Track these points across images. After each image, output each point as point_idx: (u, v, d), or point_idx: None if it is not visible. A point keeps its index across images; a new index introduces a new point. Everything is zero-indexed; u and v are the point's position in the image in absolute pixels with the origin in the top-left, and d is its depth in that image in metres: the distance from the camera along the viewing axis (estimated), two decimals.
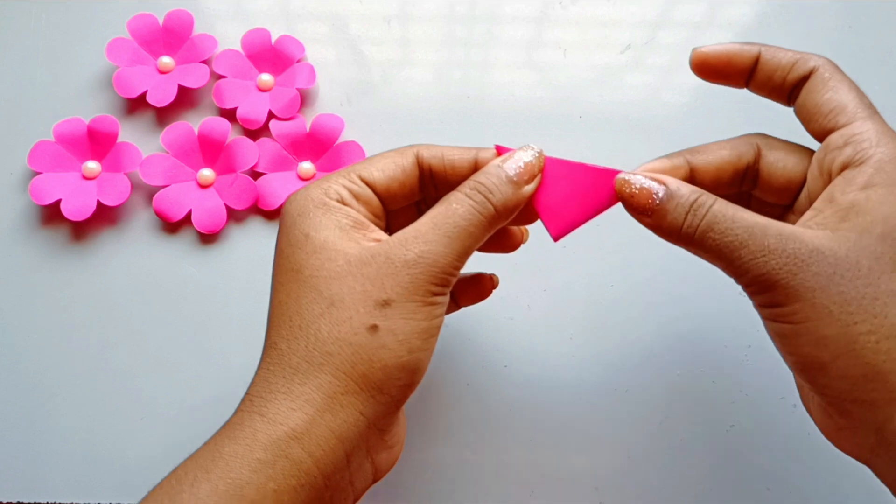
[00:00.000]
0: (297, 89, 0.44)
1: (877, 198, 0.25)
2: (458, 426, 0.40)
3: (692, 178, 0.29)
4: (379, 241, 0.28)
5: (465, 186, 0.28)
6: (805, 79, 0.28)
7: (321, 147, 0.44)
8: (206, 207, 0.43)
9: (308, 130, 0.44)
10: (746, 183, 0.30)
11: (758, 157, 0.29)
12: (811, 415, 0.28)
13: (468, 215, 0.27)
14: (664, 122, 0.45)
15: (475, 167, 0.29)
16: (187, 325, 0.42)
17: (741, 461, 0.39)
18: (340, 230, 0.27)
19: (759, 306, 0.26)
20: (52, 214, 0.43)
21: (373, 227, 0.29)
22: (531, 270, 0.42)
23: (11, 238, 0.43)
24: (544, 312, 0.41)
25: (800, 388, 0.29)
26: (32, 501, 0.39)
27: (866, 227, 0.25)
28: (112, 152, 0.43)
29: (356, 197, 0.29)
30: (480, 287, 0.35)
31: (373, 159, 0.30)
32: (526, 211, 0.30)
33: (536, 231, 0.33)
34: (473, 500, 0.39)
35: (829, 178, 0.27)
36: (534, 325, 0.41)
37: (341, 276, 0.27)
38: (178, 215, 0.42)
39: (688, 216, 0.26)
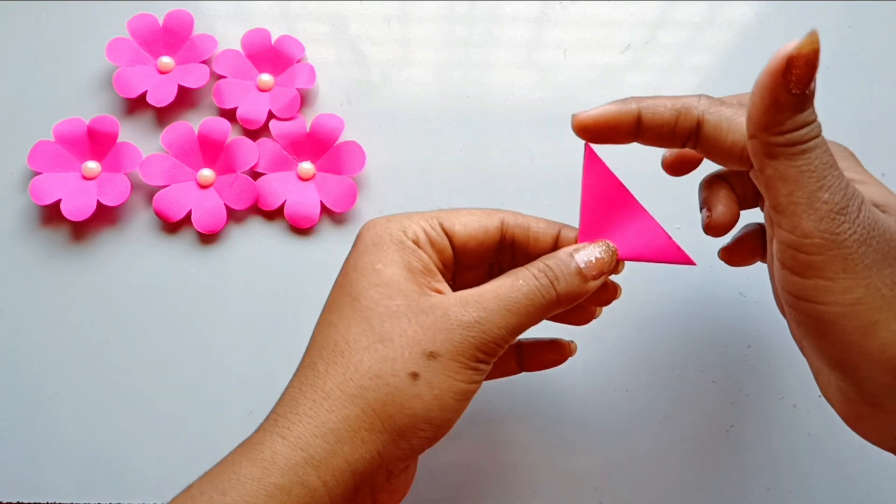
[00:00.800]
0: (297, 89, 0.44)
1: (879, 190, 0.25)
2: (458, 426, 0.40)
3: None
4: (441, 292, 0.28)
5: (535, 266, 0.28)
6: (696, 129, 0.27)
7: (321, 147, 0.44)
8: (206, 207, 0.43)
9: (308, 130, 0.44)
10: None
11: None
12: (831, 402, 0.27)
13: (531, 295, 0.28)
14: None
15: (556, 244, 0.30)
16: (187, 325, 0.42)
17: (741, 461, 0.39)
18: (409, 271, 0.28)
19: (797, 276, 0.24)
20: (52, 214, 0.43)
21: (439, 276, 0.29)
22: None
23: (11, 238, 0.43)
24: None
25: (818, 374, 0.28)
26: (32, 501, 0.39)
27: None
28: (112, 152, 0.43)
29: (432, 242, 0.29)
30: (556, 353, 0.34)
31: (460, 211, 0.30)
32: (594, 298, 0.30)
33: None
34: (473, 500, 0.39)
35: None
36: (534, 326, 0.41)
37: (397, 316, 0.27)
38: (178, 215, 0.42)
39: (803, 128, 0.23)
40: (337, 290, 0.29)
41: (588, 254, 0.29)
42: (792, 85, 0.22)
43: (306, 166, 0.43)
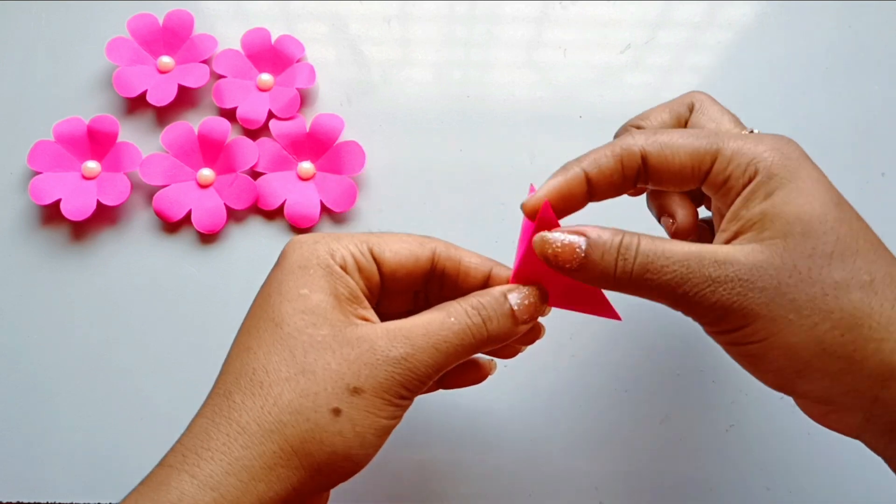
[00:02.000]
0: (297, 89, 0.44)
1: (781, 200, 0.25)
2: (459, 426, 0.40)
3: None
4: (367, 319, 0.27)
5: (468, 302, 0.28)
6: (642, 166, 0.27)
7: (321, 147, 0.44)
8: (206, 207, 0.43)
9: (308, 130, 0.44)
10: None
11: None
12: (797, 403, 0.29)
13: (462, 334, 0.27)
14: None
15: (487, 282, 0.29)
16: (187, 325, 0.42)
17: (741, 461, 0.39)
18: (335, 298, 0.27)
19: (718, 335, 0.26)
20: (51, 214, 0.43)
21: (366, 303, 0.28)
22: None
23: (11, 238, 0.43)
24: None
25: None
26: (32, 501, 0.39)
27: (787, 230, 0.25)
28: (112, 152, 0.43)
29: (360, 268, 0.28)
30: (475, 373, 0.33)
31: (390, 238, 0.29)
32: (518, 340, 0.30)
33: None
34: (473, 501, 0.39)
35: (728, 200, 0.27)
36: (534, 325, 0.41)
37: (321, 347, 0.26)
38: (178, 215, 0.42)
39: (618, 262, 0.26)
40: (256, 313, 0.27)
41: (522, 297, 0.28)
42: (567, 267, 0.26)
43: (306, 166, 0.43)
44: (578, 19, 0.47)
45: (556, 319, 0.41)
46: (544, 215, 0.27)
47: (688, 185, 0.27)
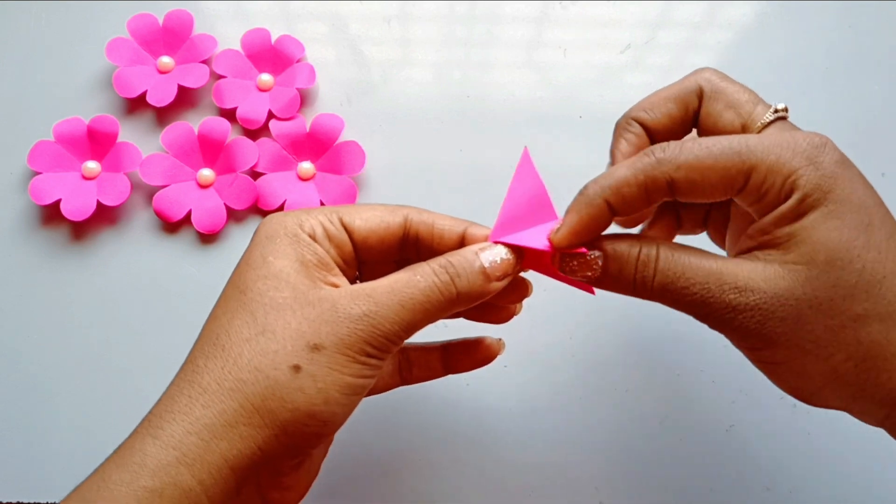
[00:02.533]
0: (297, 89, 0.44)
1: (810, 223, 0.25)
2: (459, 426, 0.40)
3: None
4: (337, 286, 0.27)
5: (437, 262, 0.27)
6: (667, 191, 0.26)
7: (321, 147, 0.44)
8: (206, 207, 0.43)
9: (308, 130, 0.44)
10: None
11: (699, 103, 0.29)
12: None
13: (428, 291, 0.26)
14: None
15: (463, 242, 0.29)
16: (187, 325, 0.41)
17: (741, 461, 0.39)
18: (301, 264, 0.27)
19: (738, 347, 0.27)
20: (51, 214, 0.43)
21: (336, 270, 0.28)
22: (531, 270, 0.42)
23: (11, 238, 0.43)
24: (544, 312, 0.41)
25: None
26: (32, 501, 0.39)
27: (811, 257, 0.24)
28: (112, 152, 0.43)
29: (330, 237, 0.28)
30: (483, 353, 0.33)
31: (361, 207, 0.29)
32: (508, 295, 0.30)
33: None
34: (474, 501, 0.39)
35: (759, 213, 0.26)
36: (534, 325, 0.41)
37: (281, 308, 0.26)
38: (178, 215, 0.42)
39: (636, 277, 0.26)
40: (227, 284, 0.28)
41: (494, 254, 0.28)
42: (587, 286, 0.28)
43: (306, 166, 0.43)
44: (578, 19, 0.47)
45: (556, 319, 0.41)
46: (524, 159, 0.28)
47: (718, 195, 0.26)
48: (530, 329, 0.41)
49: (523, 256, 0.28)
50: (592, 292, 0.29)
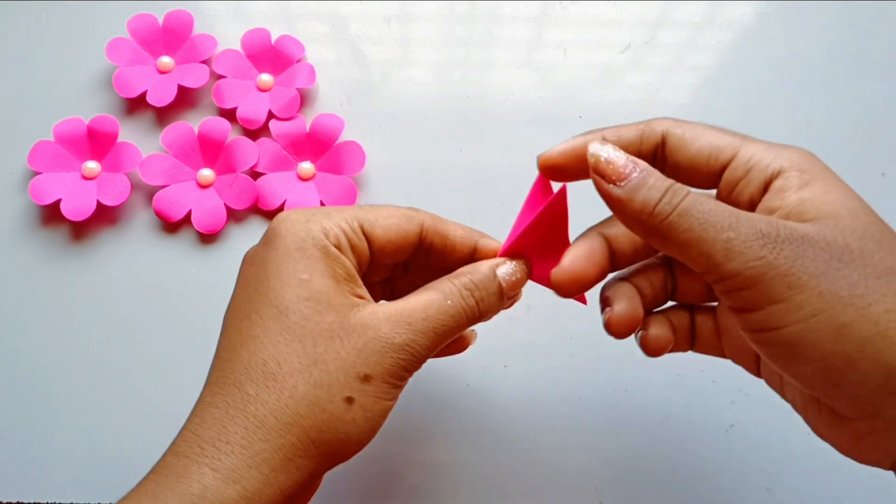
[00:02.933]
0: (297, 89, 0.44)
1: (820, 191, 0.24)
2: (459, 426, 0.40)
3: (611, 249, 0.28)
4: (362, 297, 0.28)
5: (461, 284, 0.28)
6: (661, 145, 0.27)
7: (321, 147, 0.44)
8: (206, 207, 0.43)
9: (308, 130, 0.44)
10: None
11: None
12: (824, 436, 0.26)
13: (458, 315, 0.28)
14: None
15: (474, 254, 0.30)
16: (187, 325, 0.42)
17: (741, 461, 0.39)
18: (334, 280, 0.27)
19: (748, 312, 0.23)
20: (51, 214, 0.43)
21: (360, 281, 0.28)
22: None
23: (11, 238, 0.43)
24: (544, 312, 0.41)
25: (806, 412, 0.27)
26: (32, 501, 0.39)
27: (833, 212, 0.23)
28: (112, 152, 0.43)
29: (352, 247, 0.28)
30: (456, 343, 0.34)
31: (379, 211, 0.29)
32: None
33: None
34: (474, 501, 0.39)
35: (750, 205, 0.26)
36: (534, 325, 0.41)
37: (329, 336, 0.26)
38: (178, 215, 0.42)
39: (665, 195, 0.23)
40: (254, 297, 0.27)
41: (510, 272, 0.29)
42: (611, 182, 0.24)
43: (306, 166, 0.43)
44: (578, 19, 0.47)
45: (555, 319, 0.41)
46: (543, 185, 0.28)
47: (704, 178, 0.27)
48: (530, 329, 0.41)
49: (531, 272, 0.29)
50: (585, 302, 0.29)
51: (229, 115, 0.44)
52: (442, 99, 0.45)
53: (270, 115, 0.44)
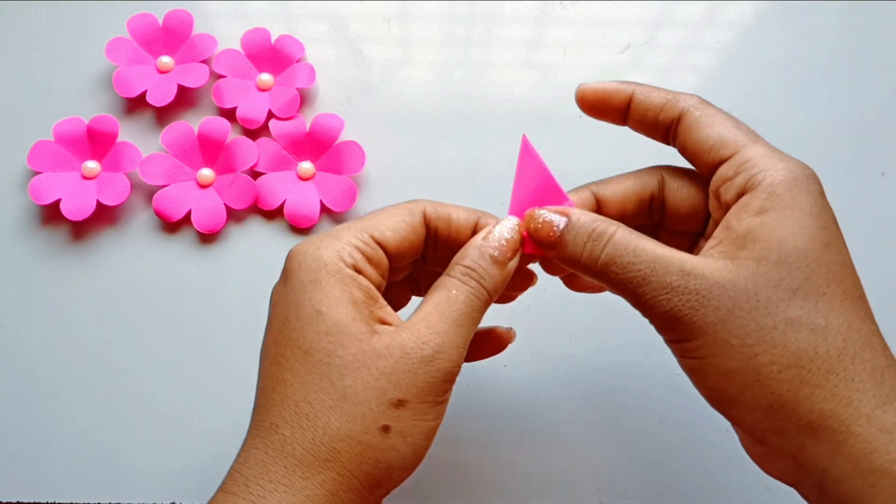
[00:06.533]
0: (297, 89, 0.44)
1: (771, 223, 0.25)
2: (458, 426, 0.40)
3: (599, 209, 0.29)
4: (385, 321, 0.27)
5: (456, 271, 0.28)
6: (678, 120, 0.28)
7: (321, 147, 0.44)
8: (206, 207, 0.43)
9: (308, 130, 0.44)
10: (655, 214, 0.30)
11: (662, 186, 0.29)
12: (744, 446, 0.28)
13: (468, 301, 0.27)
14: None
15: (475, 233, 0.30)
16: (187, 325, 0.42)
17: (741, 461, 0.39)
18: (354, 307, 0.26)
19: (668, 342, 0.26)
20: (51, 214, 0.43)
21: (382, 301, 0.28)
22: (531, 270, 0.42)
23: (11, 238, 0.43)
24: (544, 312, 0.41)
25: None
26: (32, 501, 0.39)
27: (763, 254, 0.25)
28: (112, 152, 0.43)
29: (369, 260, 0.28)
30: (495, 342, 0.33)
31: (382, 216, 0.29)
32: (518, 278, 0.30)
33: None
34: (473, 500, 0.39)
35: (726, 208, 0.27)
36: (534, 325, 0.41)
37: (355, 367, 0.26)
38: (178, 215, 0.42)
39: (586, 246, 0.26)
40: (283, 342, 0.27)
41: (498, 238, 0.28)
42: (546, 246, 0.28)
43: (306, 166, 0.43)
44: (578, 19, 0.47)
45: (556, 319, 0.41)
46: (525, 146, 0.29)
47: (702, 166, 0.28)
48: (530, 329, 0.41)
49: (520, 227, 0.29)
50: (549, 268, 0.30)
51: (229, 114, 0.44)
52: (442, 99, 0.45)
53: (270, 115, 0.44)
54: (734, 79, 0.46)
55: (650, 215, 0.30)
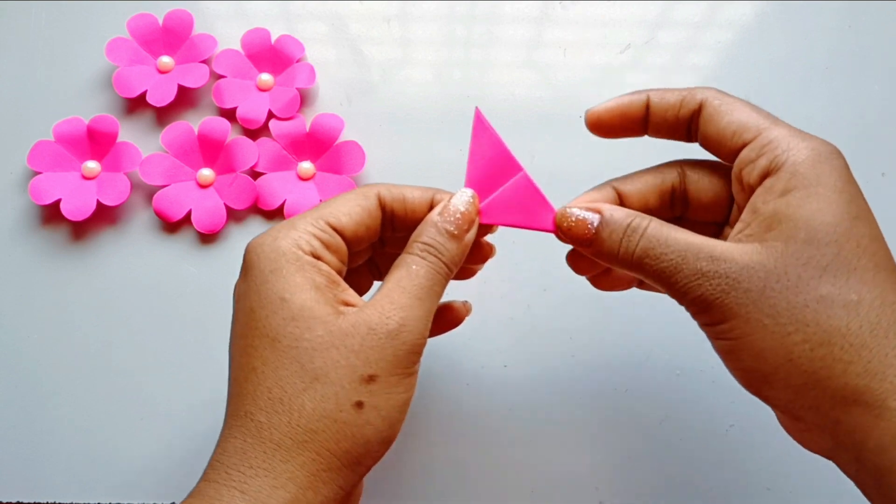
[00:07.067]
0: (297, 89, 0.44)
1: (796, 202, 0.25)
2: (458, 426, 0.40)
3: (622, 204, 0.29)
4: (349, 303, 0.28)
5: (415, 248, 0.28)
6: (697, 112, 0.28)
7: (321, 147, 0.44)
8: (206, 207, 0.43)
9: (308, 130, 0.44)
10: (677, 206, 0.30)
11: (682, 178, 0.30)
12: (781, 424, 0.29)
13: (429, 275, 0.28)
14: None
15: (432, 208, 0.30)
16: (187, 325, 0.42)
17: (741, 461, 0.39)
18: (316, 291, 0.27)
19: (702, 325, 0.27)
20: (51, 214, 0.43)
21: (343, 284, 0.28)
22: (531, 270, 0.42)
23: (11, 238, 0.43)
24: (544, 312, 0.41)
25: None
26: (32, 501, 0.39)
27: (791, 234, 0.25)
28: (112, 152, 0.43)
29: (327, 247, 0.28)
30: (451, 315, 0.34)
31: (337, 202, 0.29)
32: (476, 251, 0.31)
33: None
34: (473, 500, 0.39)
35: (750, 191, 0.27)
36: (534, 325, 0.41)
37: (323, 347, 0.26)
38: (178, 215, 0.42)
39: (623, 241, 0.27)
40: (250, 332, 0.27)
41: (452, 211, 0.29)
42: (581, 245, 0.28)
43: (306, 166, 0.43)
44: (578, 19, 0.47)
45: (556, 320, 0.41)
46: (478, 119, 0.29)
47: (726, 153, 0.28)
48: (530, 329, 0.41)
49: (476, 201, 0.29)
50: (551, 230, 0.29)
51: (229, 114, 0.44)
52: (442, 99, 0.45)
53: (270, 115, 0.44)
54: (734, 79, 0.46)
55: (672, 208, 0.30)
